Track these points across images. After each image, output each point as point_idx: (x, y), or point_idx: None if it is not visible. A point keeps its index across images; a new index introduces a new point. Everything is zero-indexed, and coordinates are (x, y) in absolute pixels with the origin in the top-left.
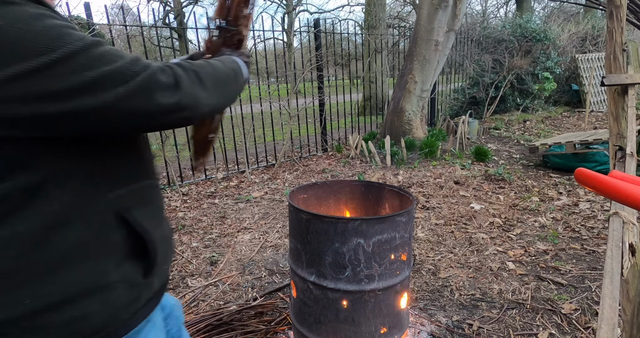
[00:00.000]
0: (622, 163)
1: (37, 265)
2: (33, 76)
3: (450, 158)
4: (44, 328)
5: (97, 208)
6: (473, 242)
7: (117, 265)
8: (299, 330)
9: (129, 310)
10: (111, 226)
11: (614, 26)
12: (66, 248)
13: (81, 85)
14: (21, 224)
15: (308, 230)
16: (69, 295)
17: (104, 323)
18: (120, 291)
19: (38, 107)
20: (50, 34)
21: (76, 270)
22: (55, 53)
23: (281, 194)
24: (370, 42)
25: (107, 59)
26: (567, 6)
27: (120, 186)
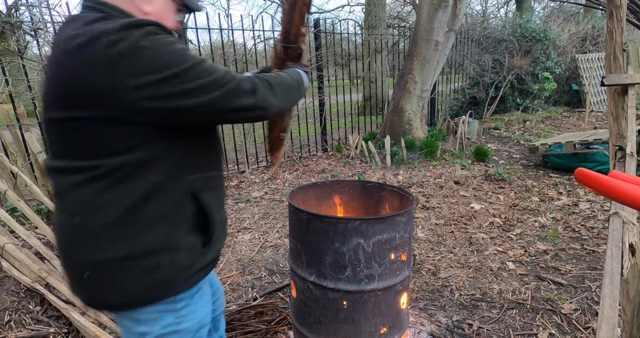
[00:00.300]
0: (622, 163)
1: (132, 221)
2: (165, 82)
3: (450, 158)
4: (128, 271)
5: (179, 186)
6: (473, 242)
7: (186, 233)
8: (299, 330)
9: (188, 273)
10: (186, 203)
11: (614, 26)
12: (154, 213)
13: (194, 88)
14: (131, 187)
15: (308, 230)
16: (149, 248)
17: (169, 276)
18: (184, 255)
19: (163, 103)
20: (176, 55)
21: (158, 231)
22: (179, 68)
23: (281, 194)
24: (370, 42)
25: (209, 72)
26: (567, 6)
27: (197, 172)
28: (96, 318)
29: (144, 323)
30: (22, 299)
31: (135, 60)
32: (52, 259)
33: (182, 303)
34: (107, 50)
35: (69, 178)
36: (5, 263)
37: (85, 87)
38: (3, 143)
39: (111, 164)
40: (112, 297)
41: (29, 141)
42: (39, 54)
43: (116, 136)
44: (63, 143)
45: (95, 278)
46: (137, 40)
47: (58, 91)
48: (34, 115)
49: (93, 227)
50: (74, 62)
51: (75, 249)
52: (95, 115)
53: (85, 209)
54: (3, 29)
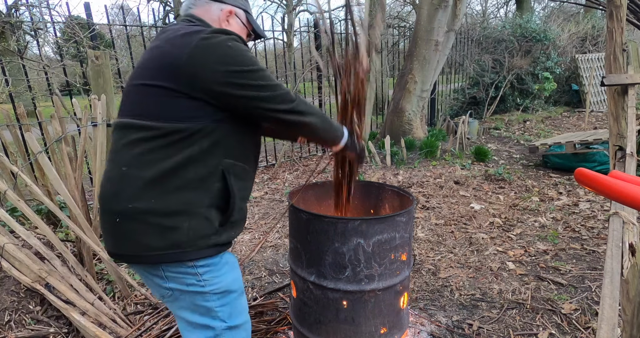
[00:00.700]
0: (622, 163)
1: (167, 182)
2: (238, 73)
3: (450, 158)
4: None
5: (213, 162)
6: (473, 242)
7: (207, 206)
8: (299, 330)
9: (203, 243)
10: (216, 177)
11: (614, 26)
12: (186, 179)
13: (257, 85)
14: (177, 152)
15: (308, 230)
16: (172, 209)
17: (186, 240)
18: (202, 224)
19: (231, 88)
20: (249, 58)
21: (184, 195)
22: (250, 67)
23: (281, 194)
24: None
25: (269, 78)
26: (567, 6)
27: (232, 158)
28: (96, 318)
29: (171, 280)
30: (22, 299)
31: (220, 52)
32: (52, 259)
33: (203, 268)
34: (201, 41)
35: (132, 133)
36: (5, 263)
37: (175, 64)
38: (3, 143)
39: (170, 127)
40: (134, 248)
41: (29, 141)
42: (39, 54)
43: (183, 107)
44: (140, 104)
45: (124, 226)
46: (224, 40)
47: (153, 65)
48: (34, 115)
49: (136, 178)
50: (173, 46)
51: (115, 197)
52: (174, 87)
53: (135, 162)
54: (3, 29)
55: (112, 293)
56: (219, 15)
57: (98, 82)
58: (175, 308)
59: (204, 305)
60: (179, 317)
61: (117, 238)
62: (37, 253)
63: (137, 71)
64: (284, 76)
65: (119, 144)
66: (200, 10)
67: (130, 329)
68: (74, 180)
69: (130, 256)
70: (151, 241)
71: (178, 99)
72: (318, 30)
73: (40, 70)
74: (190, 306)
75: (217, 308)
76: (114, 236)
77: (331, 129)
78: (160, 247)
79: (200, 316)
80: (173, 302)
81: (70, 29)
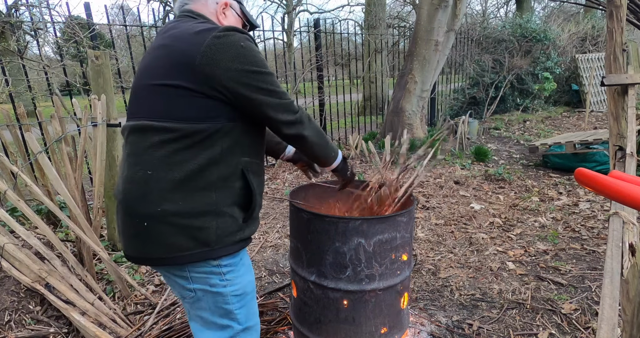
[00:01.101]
0: (622, 163)
1: (192, 183)
2: (250, 73)
3: (450, 158)
4: (179, 227)
5: (234, 161)
6: (473, 242)
7: (231, 204)
8: (299, 329)
9: (230, 239)
10: (237, 176)
11: (614, 26)
12: (210, 179)
13: (267, 89)
14: (200, 153)
15: (309, 230)
16: (199, 209)
17: (215, 238)
18: (228, 222)
19: (242, 88)
20: (261, 61)
21: (209, 195)
22: (262, 70)
23: (281, 194)
24: (370, 42)
25: (278, 84)
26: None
27: (248, 156)
28: (96, 318)
29: (195, 281)
30: (22, 299)
31: (234, 51)
32: (52, 259)
33: (226, 268)
34: (215, 39)
35: (153, 135)
36: (5, 263)
37: (189, 63)
38: (3, 143)
39: (191, 128)
40: (163, 250)
41: (29, 141)
42: (39, 54)
43: (201, 106)
44: (157, 105)
45: (154, 229)
46: (238, 39)
47: (164, 64)
48: (34, 115)
49: (162, 181)
50: (185, 44)
51: (141, 201)
52: (190, 86)
53: (160, 165)
54: (3, 29)
55: (112, 293)
56: (215, 9)
57: (98, 82)
58: (195, 308)
59: (224, 307)
60: (197, 316)
61: (145, 242)
62: (37, 253)
63: (146, 71)
64: (284, 76)
65: (139, 147)
66: (197, 5)
67: (130, 329)
68: (74, 180)
69: (157, 259)
70: (182, 242)
71: (195, 99)
72: (318, 30)
73: (40, 70)
74: (211, 307)
75: (237, 310)
76: (140, 240)
77: (327, 148)
78: (190, 247)
79: (220, 317)
80: (194, 302)
81: (70, 29)
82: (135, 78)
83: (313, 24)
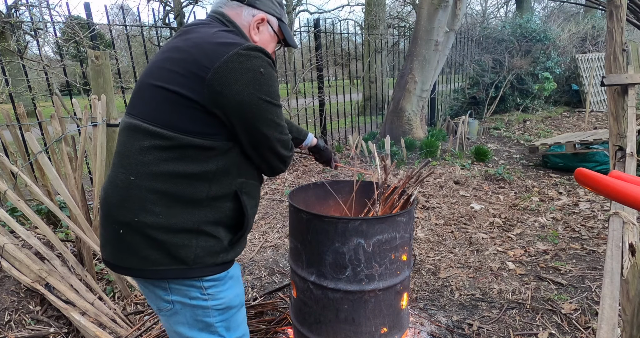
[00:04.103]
0: (622, 163)
1: (179, 197)
2: (263, 105)
3: (450, 158)
4: (158, 242)
5: (227, 181)
6: (473, 242)
7: (218, 223)
8: (299, 330)
9: (210, 261)
10: (228, 197)
11: (614, 26)
12: (201, 195)
13: (273, 121)
14: (191, 166)
15: (308, 230)
16: (181, 227)
17: (193, 258)
18: (210, 242)
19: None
20: (276, 92)
21: (196, 212)
22: (275, 102)
23: (281, 194)
24: (370, 42)
25: (281, 117)
26: (567, 6)
27: (244, 177)
28: (96, 318)
29: (175, 292)
30: (22, 299)
31: (251, 75)
32: (52, 259)
33: (208, 283)
34: (235, 56)
35: (145, 139)
36: (5, 263)
37: (200, 75)
38: (3, 143)
39: (186, 141)
40: (137, 262)
41: (29, 141)
42: (39, 54)
43: (201, 121)
44: (156, 109)
45: (128, 238)
46: (259, 64)
47: (177, 69)
48: (34, 115)
49: (144, 189)
50: (203, 54)
51: (120, 207)
52: (195, 98)
53: (145, 172)
54: (3, 29)
55: (112, 293)
56: (249, 22)
57: (98, 82)
58: (172, 323)
59: (204, 321)
60: (174, 332)
61: (119, 250)
62: (37, 253)
63: (157, 70)
64: (284, 76)
65: (127, 148)
66: (231, 12)
67: (130, 329)
68: (74, 180)
69: (133, 270)
70: (156, 257)
71: (196, 112)
72: (318, 30)
73: (40, 70)
74: (189, 321)
75: (217, 324)
76: (115, 248)
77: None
78: (165, 263)
79: (199, 331)
80: (171, 316)
81: (70, 29)
82: (142, 74)
83: (313, 24)
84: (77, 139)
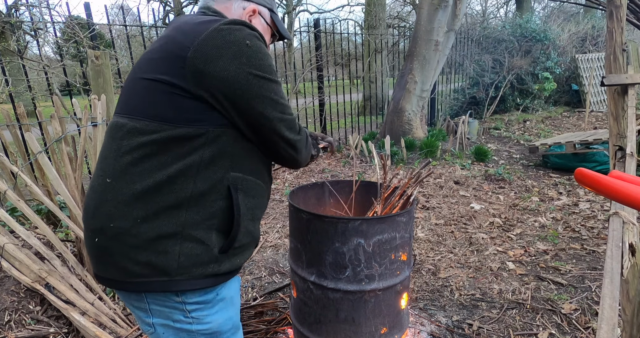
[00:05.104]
0: (622, 163)
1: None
2: (254, 80)
3: (450, 158)
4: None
5: (218, 175)
6: (473, 242)
7: (207, 226)
8: (299, 330)
9: (196, 272)
10: (219, 194)
11: (614, 26)
12: (185, 193)
13: (273, 100)
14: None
15: (308, 230)
16: (163, 231)
17: (175, 268)
18: (197, 249)
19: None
20: (268, 63)
21: (180, 213)
22: (269, 75)
23: (281, 194)
24: (370, 42)
25: (282, 93)
26: (567, 6)
27: (240, 172)
28: (96, 318)
29: (156, 314)
30: (22, 299)
31: (236, 48)
32: (52, 259)
33: (192, 306)
34: (215, 32)
35: (123, 137)
36: (5, 263)
37: (180, 55)
38: (3, 143)
39: (166, 131)
40: (115, 272)
41: (29, 141)
42: (39, 54)
43: (184, 107)
44: (134, 101)
45: (104, 247)
46: (243, 36)
47: (159, 55)
48: (34, 115)
49: (120, 192)
50: (183, 34)
51: (94, 213)
52: (177, 82)
53: (122, 173)
54: (3, 29)
55: (112, 293)
56: (240, 15)
57: (98, 82)
58: None
59: None
60: None
61: (97, 259)
62: (37, 253)
63: (142, 62)
64: (284, 76)
65: (105, 149)
66: (221, 6)
67: (130, 329)
68: (74, 180)
69: (113, 281)
70: (134, 267)
71: (177, 97)
72: (318, 30)
73: (40, 70)
74: None
75: None
76: (94, 257)
77: (307, 159)
78: (145, 274)
79: None
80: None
81: (70, 29)
82: (132, 71)
83: (313, 24)
84: (77, 139)
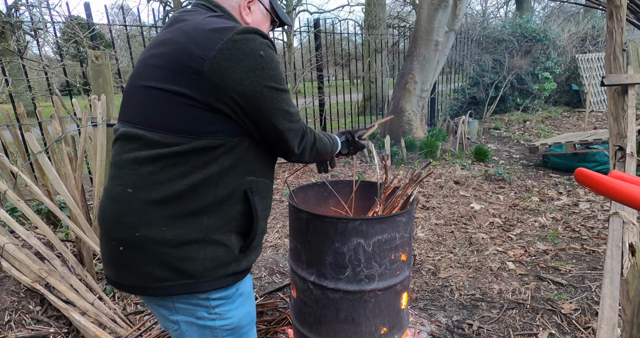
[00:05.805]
0: (622, 163)
1: (181, 206)
2: (268, 92)
3: (450, 158)
4: (162, 255)
5: (235, 181)
6: (473, 242)
7: (228, 230)
8: (299, 330)
9: (220, 272)
10: (237, 199)
11: (614, 26)
12: (207, 201)
13: (282, 110)
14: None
15: (308, 230)
16: (187, 237)
17: (201, 271)
18: (220, 251)
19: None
20: (279, 73)
21: (203, 219)
22: (281, 86)
23: (281, 194)
24: (370, 42)
25: (290, 102)
26: (567, 6)
27: (254, 175)
28: (96, 318)
29: (180, 312)
30: (22, 299)
31: (251, 60)
32: (52, 259)
33: (216, 301)
34: (230, 43)
35: (140, 148)
36: (5, 263)
37: (196, 69)
38: (3, 143)
39: (187, 143)
40: (141, 279)
41: (29, 141)
42: (39, 54)
43: (203, 120)
44: (150, 112)
45: (130, 256)
46: (257, 47)
47: (169, 64)
48: (34, 115)
49: (143, 202)
50: (195, 44)
51: (118, 223)
52: (194, 95)
53: (143, 183)
54: (3, 29)
55: (112, 293)
56: (239, 2)
57: (98, 82)
58: None
59: None
60: None
61: (121, 268)
62: (37, 253)
63: (146, 68)
64: (284, 76)
65: (122, 158)
66: None
67: (130, 329)
68: (74, 180)
69: (136, 288)
70: (161, 273)
71: (197, 110)
72: (318, 30)
73: (40, 70)
74: None
75: None
76: (117, 265)
77: (326, 153)
78: (172, 278)
79: None
80: (178, 336)
81: (70, 29)
82: (131, 77)
83: (313, 24)
84: (77, 139)
